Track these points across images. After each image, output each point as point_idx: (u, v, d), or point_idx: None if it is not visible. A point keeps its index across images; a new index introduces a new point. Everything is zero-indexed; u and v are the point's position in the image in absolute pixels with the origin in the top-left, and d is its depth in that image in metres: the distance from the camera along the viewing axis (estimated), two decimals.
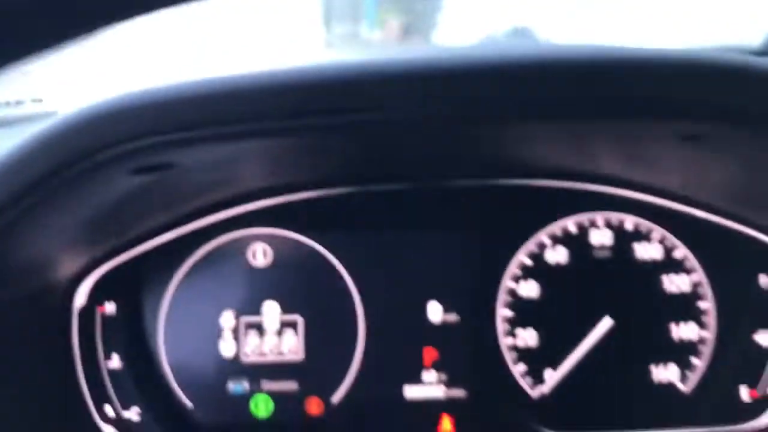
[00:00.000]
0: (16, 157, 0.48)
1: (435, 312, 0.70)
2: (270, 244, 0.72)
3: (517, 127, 0.58)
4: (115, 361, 0.69)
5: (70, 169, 0.51)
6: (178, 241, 0.71)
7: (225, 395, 0.70)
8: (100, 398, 0.69)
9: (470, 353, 0.71)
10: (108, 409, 0.70)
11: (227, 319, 0.70)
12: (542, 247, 0.70)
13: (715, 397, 0.70)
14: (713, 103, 0.49)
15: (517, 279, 0.70)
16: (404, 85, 0.49)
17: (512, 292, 0.70)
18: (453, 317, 0.70)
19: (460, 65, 0.49)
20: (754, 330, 0.68)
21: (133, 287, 0.71)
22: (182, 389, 0.71)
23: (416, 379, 0.70)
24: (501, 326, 0.69)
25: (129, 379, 0.70)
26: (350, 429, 0.69)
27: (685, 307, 0.69)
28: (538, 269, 0.70)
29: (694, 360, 0.69)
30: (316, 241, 0.71)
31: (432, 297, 0.70)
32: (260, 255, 0.71)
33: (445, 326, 0.70)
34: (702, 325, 0.69)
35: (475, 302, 0.70)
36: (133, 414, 0.70)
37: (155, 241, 0.70)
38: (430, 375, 0.69)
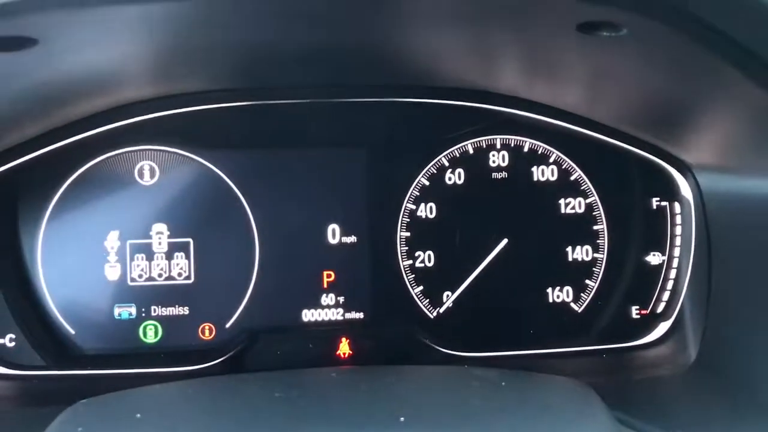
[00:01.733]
0: None
1: (333, 234, 0.68)
2: (158, 163, 0.67)
3: (420, 36, 0.56)
4: None
5: None
6: (56, 156, 0.66)
7: (111, 321, 0.67)
8: None
9: (369, 275, 0.69)
10: None
11: (112, 240, 0.67)
12: (441, 168, 0.69)
13: (606, 316, 0.71)
14: None
15: (416, 201, 0.69)
16: None
17: (411, 214, 0.69)
18: (352, 239, 0.69)
19: None
20: (644, 252, 0.69)
21: (7, 205, 0.66)
22: (63, 315, 0.68)
23: (314, 303, 0.69)
24: (400, 248, 0.68)
25: (2, 304, 0.65)
26: (244, 354, 0.67)
27: (580, 229, 0.70)
28: (438, 191, 0.69)
29: (587, 281, 0.69)
30: (208, 160, 0.67)
31: (329, 218, 0.68)
32: (147, 173, 0.67)
33: (343, 248, 0.69)
34: (595, 247, 0.70)
35: (374, 223, 0.69)
36: (6, 340, 0.65)
37: (30, 155, 0.64)
38: (328, 298, 0.68)
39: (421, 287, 0.68)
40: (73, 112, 0.64)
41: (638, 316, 0.70)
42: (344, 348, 0.68)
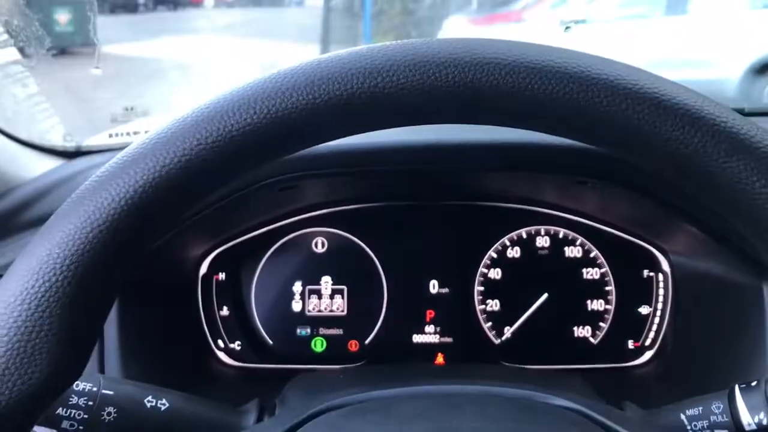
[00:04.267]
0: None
1: (434, 286, 0.94)
2: (326, 238, 0.94)
3: (487, 175, 0.91)
4: (224, 311, 0.93)
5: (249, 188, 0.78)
6: (267, 234, 0.93)
7: (294, 337, 0.94)
8: (215, 335, 0.93)
9: (456, 315, 0.93)
10: (220, 342, 0.93)
11: (297, 287, 0.94)
12: (504, 246, 0.93)
13: (612, 346, 0.93)
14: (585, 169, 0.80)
15: (488, 267, 0.93)
16: (427, 153, 0.81)
17: (484, 275, 0.93)
18: (445, 290, 0.93)
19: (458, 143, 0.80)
20: (638, 305, 0.93)
21: (237, 263, 0.93)
22: (266, 332, 0.94)
23: (421, 330, 0.94)
24: (476, 297, 0.94)
25: (233, 323, 0.93)
26: (377, 361, 0.93)
27: (596, 289, 0.93)
28: (501, 261, 0.93)
29: (600, 323, 0.93)
30: (356, 237, 0.93)
31: (432, 276, 0.93)
32: (320, 245, 0.94)
33: (439, 296, 0.93)
34: (607, 301, 0.93)
35: (460, 281, 0.93)
36: (236, 345, 0.94)
37: (252, 233, 0.92)
38: (429, 328, 0.94)
39: (490, 323, 0.96)
40: (281, 210, 0.94)
41: (633, 347, 0.95)
42: (439, 359, 0.96)
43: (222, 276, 0.94)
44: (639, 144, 0.40)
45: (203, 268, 0.94)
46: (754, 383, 0.64)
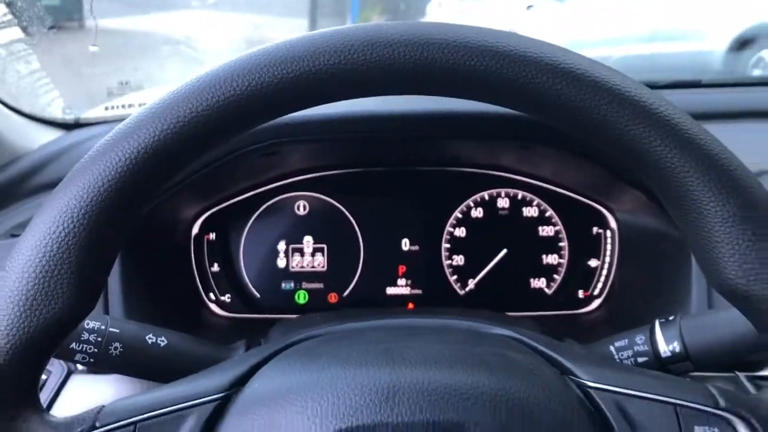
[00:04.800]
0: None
1: (405, 244, 1.02)
2: (308, 201, 1.01)
3: (453, 142, 1.00)
4: (215, 267, 1.01)
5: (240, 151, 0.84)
6: (253, 198, 1.00)
7: (279, 290, 1.02)
8: (207, 289, 1.01)
9: (425, 269, 1.01)
10: (211, 295, 1.01)
11: (281, 245, 1.01)
12: (469, 207, 1.00)
13: (565, 296, 1.01)
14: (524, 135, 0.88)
15: (454, 226, 1.01)
16: (396, 122, 0.89)
17: (451, 233, 1.01)
18: (416, 247, 1.02)
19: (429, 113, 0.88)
20: (588, 258, 1.02)
21: (226, 224, 1.00)
22: (254, 286, 1.02)
23: (394, 284, 1.02)
24: (444, 254, 1.02)
25: (223, 278, 1.01)
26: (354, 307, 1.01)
27: (551, 245, 1.01)
28: (466, 220, 1.01)
29: (554, 275, 1.02)
30: (335, 200, 1.00)
31: (404, 235, 1.01)
32: (302, 208, 1.02)
33: (410, 253, 1.01)
34: (560, 255, 1.01)
35: (429, 239, 1.01)
36: (226, 298, 1.03)
37: (240, 197, 0.99)
38: (401, 281, 1.02)
39: (455, 276, 1.05)
40: (265, 176, 1.03)
41: (583, 296, 1.05)
42: (410, 307, 1.05)
43: (213, 236, 1.02)
44: (562, 114, 0.46)
45: (195, 229, 1.02)
46: (671, 318, 0.75)
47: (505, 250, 1.03)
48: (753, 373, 0.83)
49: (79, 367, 0.80)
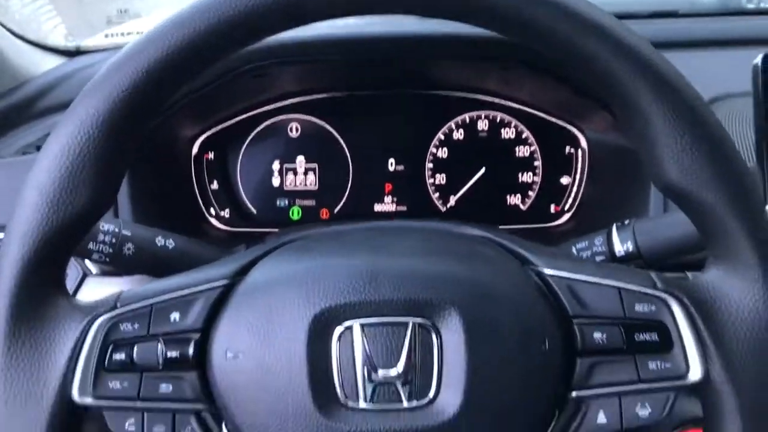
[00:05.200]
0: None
1: (391, 164, 1.07)
2: (300, 124, 1.05)
3: (436, 65, 1.06)
4: (215, 185, 1.06)
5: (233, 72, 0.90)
6: (248, 120, 1.04)
7: (274, 206, 1.08)
8: (207, 204, 1.07)
9: (410, 187, 1.06)
10: (212, 210, 1.06)
11: (276, 165, 1.06)
12: (451, 129, 1.05)
13: (538, 211, 1.07)
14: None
15: (436, 147, 1.06)
16: (385, 42, 0.95)
17: (434, 154, 1.06)
18: (401, 167, 1.07)
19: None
20: (560, 176, 1.07)
21: (224, 145, 1.05)
22: (250, 202, 1.07)
23: (381, 201, 1.07)
24: (427, 173, 1.07)
25: (222, 195, 1.06)
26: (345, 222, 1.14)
27: (526, 164, 1.06)
28: (448, 141, 1.05)
29: (529, 192, 1.07)
30: (325, 122, 1.05)
31: (390, 155, 1.06)
32: (294, 130, 1.07)
33: (396, 172, 1.06)
34: (535, 174, 1.07)
35: (413, 159, 1.06)
36: (225, 213, 1.08)
37: (235, 119, 1.04)
38: (388, 198, 1.07)
39: (437, 194, 1.12)
40: (260, 97, 1.09)
41: (554, 211, 1.12)
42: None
43: (211, 155, 1.08)
44: (532, 35, 0.50)
45: (195, 149, 1.07)
46: (627, 222, 0.84)
47: (483, 169, 1.08)
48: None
49: (94, 270, 0.88)
